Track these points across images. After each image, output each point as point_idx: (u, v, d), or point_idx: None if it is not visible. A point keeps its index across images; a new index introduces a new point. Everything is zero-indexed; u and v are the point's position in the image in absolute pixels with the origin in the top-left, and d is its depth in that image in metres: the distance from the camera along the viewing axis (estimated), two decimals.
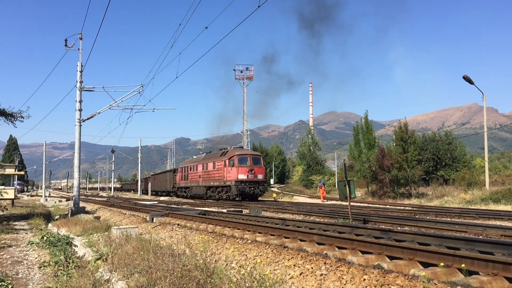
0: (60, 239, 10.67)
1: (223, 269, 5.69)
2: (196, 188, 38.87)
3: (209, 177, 35.74)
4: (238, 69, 64.48)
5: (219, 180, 33.58)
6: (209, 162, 36.12)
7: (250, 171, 31.41)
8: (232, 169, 31.43)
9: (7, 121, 19.84)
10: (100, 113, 24.51)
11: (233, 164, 31.40)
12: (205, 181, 36.46)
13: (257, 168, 32.20)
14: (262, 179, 32.44)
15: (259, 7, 11.38)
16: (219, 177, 33.52)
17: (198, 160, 40.03)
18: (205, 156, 39.83)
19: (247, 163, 31.85)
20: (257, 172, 31.97)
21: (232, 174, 31.32)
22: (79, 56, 22.66)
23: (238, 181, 30.81)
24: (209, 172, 35.81)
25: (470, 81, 28.58)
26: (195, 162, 40.41)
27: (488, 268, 5.15)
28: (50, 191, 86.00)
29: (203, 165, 37.52)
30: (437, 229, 10.64)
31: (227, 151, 34.00)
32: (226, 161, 32.37)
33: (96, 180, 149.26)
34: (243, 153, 32.64)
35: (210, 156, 37.73)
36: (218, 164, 34.07)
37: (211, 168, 35.65)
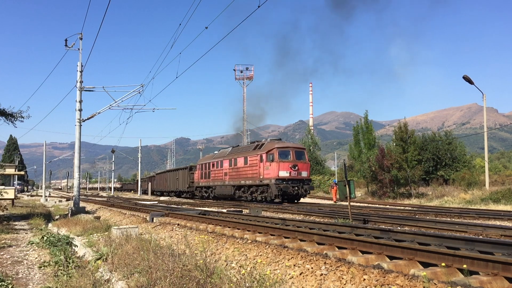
0: (60, 239, 10.67)
1: (223, 269, 5.69)
2: (221, 188, 33.67)
3: (238, 174, 30.76)
4: (238, 69, 64.51)
5: (252, 178, 28.56)
6: (238, 157, 30.94)
7: (293, 167, 26.46)
8: (272, 165, 26.41)
9: (7, 121, 19.84)
10: (100, 113, 24.52)
11: (272, 158, 26.37)
12: (233, 179, 31.39)
13: (301, 163, 27.08)
14: (307, 177, 27.42)
15: (259, 7, 11.38)
16: (253, 174, 28.45)
17: (223, 156, 34.50)
18: (231, 150, 34.23)
19: (289, 157, 26.83)
20: (301, 169, 26.96)
21: (271, 171, 26.39)
22: (79, 56, 22.69)
23: (279, 179, 25.89)
24: (238, 169, 30.75)
25: (470, 81, 28.58)
26: (220, 157, 34.90)
27: (488, 268, 5.16)
28: (50, 191, 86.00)
29: (230, 161, 32.30)
30: (437, 229, 10.64)
31: (263, 143, 28.99)
32: (263, 155, 27.24)
33: (96, 180, 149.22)
34: (284, 146, 27.57)
35: (239, 150, 32.30)
36: (251, 159, 28.88)
37: (241, 164, 30.43)
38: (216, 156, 36.52)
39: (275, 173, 26.07)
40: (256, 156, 28.16)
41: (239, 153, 31.31)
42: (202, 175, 38.20)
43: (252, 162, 28.73)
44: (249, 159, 29.17)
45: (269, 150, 27.06)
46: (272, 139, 30.07)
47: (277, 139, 30.51)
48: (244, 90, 64.39)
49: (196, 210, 17.79)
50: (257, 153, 28.11)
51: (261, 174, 27.41)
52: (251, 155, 28.97)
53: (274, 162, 26.27)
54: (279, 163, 26.16)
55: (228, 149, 35.54)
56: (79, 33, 22.46)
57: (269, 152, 26.99)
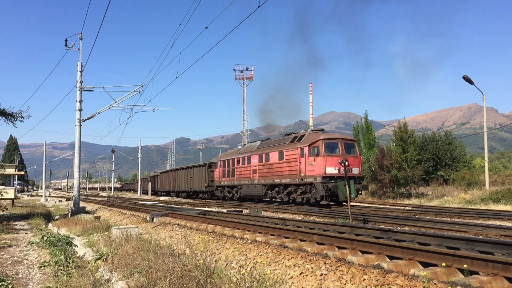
0: (60, 239, 10.67)
1: (223, 269, 5.70)
2: (248, 188, 29.32)
3: (271, 172, 26.45)
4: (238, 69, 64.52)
5: (290, 176, 24.44)
6: (271, 151, 26.71)
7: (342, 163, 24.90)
8: (316, 160, 22.23)
9: (7, 121, 19.86)
10: (100, 113, 24.53)
11: (317, 152, 22.31)
12: (265, 178, 27.12)
13: (352, 158, 22.88)
14: (359, 174, 23.20)
15: (259, 7, 11.38)
16: (291, 171, 24.39)
17: (250, 150, 30.01)
18: (261, 144, 29.56)
19: (338, 150, 22.83)
20: (352, 164, 22.75)
21: (315, 167, 22.27)
22: (79, 56, 22.71)
23: (326, 177, 21.81)
24: (271, 165, 26.45)
25: (470, 81, 28.59)
26: (246, 152, 30.43)
27: (488, 268, 5.16)
28: (50, 191, 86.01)
29: (260, 157, 27.93)
30: (437, 229, 10.65)
31: (303, 135, 24.78)
32: (304, 148, 23.25)
33: (96, 180, 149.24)
34: (331, 137, 23.54)
35: (271, 144, 27.75)
36: (288, 154, 24.75)
37: (275, 159, 26.18)
38: (242, 151, 31.83)
39: (321, 170, 21.96)
40: (295, 150, 24.01)
41: (272, 147, 26.94)
42: (224, 173, 33.43)
43: (289, 157, 24.58)
44: (286, 153, 24.94)
45: (312, 143, 22.95)
46: (314, 130, 25.76)
47: (319, 129, 26.08)
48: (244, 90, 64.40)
49: (196, 210, 17.80)
50: (297, 147, 23.93)
51: (302, 171, 23.22)
52: (289, 149, 24.75)
53: (319, 156, 22.17)
54: (326, 157, 22.04)
55: (255, 143, 31.11)
56: (79, 33, 22.48)
57: (313, 145, 22.86)
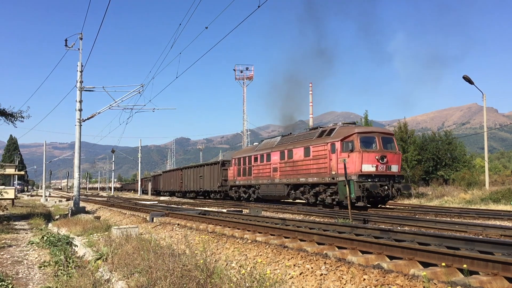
0: (60, 239, 10.68)
1: (223, 269, 5.70)
2: (267, 187, 26.76)
3: (295, 170, 23.94)
4: (238, 69, 64.52)
5: (318, 175, 21.89)
6: (295, 147, 24.21)
7: (380, 159, 19.95)
8: (351, 156, 19.77)
9: (7, 121, 19.87)
10: (100, 113, 24.55)
11: (351, 148, 19.91)
12: (288, 176, 24.62)
13: (391, 154, 20.50)
14: (398, 172, 20.88)
15: (259, 7, 11.39)
16: (319, 169, 21.84)
17: (270, 147, 27.43)
18: (281, 139, 26.97)
19: (375, 145, 20.42)
20: (391, 161, 20.38)
21: (350, 164, 19.47)
22: (79, 56, 22.71)
23: (363, 176, 19.53)
24: (295, 162, 23.98)
25: (470, 81, 28.60)
26: (265, 149, 27.84)
27: (488, 268, 5.16)
28: (50, 191, 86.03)
29: (281, 153, 25.51)
30: (437, 229, 10.65)
31: (332, 128, 22.24)
32: (336, 143, 20.81)
33: (96, 180, 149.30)
34: (367, 131, 21.16)
35: (295, 139, 25.25)
36: (316, 150, 22.33)
37: (299, 156, 23.70)
38: (260, 147, 29.09)
39: (357, 167, 19.63)
40: (324, 146, 21.55)
41: (296, 143, 24.48)
42: (239, 172, 30.79)
43: (317, 154, 22.13)
44: (313, 149, 22.49)
45: (345, 137, 20.54)
46: (345, 123, 22.91)
47: (351, 122, 23.49)
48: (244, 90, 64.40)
49: (196, 210, 17.80)
50: (326, 142, 21.49)
51: (333, 169, 20.74)
52: (316, 144, 22.33)
53: (354, 152, 19.77)
54: (362, 153, 19.64)
55: (275, 138, 28.48)
56: (79, 33, 22.49)
57: (346, 139, 20.40)
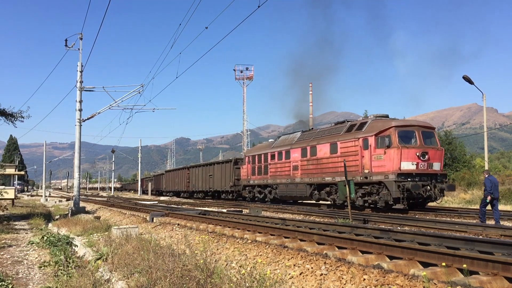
0: (60, 239, 10.68)
1: (223, 269, 5.70)
2: (286, 187, 24.67)
3: (319, 168, 21.78)
4: (238, 69, 64.52)
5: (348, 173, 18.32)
6: (319, 144, 22.16)
7: (421, 156, 17.86)
8: (388, 153, 17.82)
9: (7, 121, 19.89)
10: (100, 113, 24.55)
11: (388, 143, 17.87)
12: (311, 175, 22.53)
13: (432, 150, 18.41)
14: (440, 171, 18.81)
15: (259, 7, 11.39)
16: (348, 167, 18.36)
17: (289, 143, 25.30)
18: (302, 135, 24.81)
19: (415, 141, 18.33)
20: (433, 158, 18.30)
21: (386, 162, 17.84)
22: (79, 56, 22.71)
23: (402, 174, 17.50)
24: (320, 160, 21.87)
25: (470, 81, 28.60)
26: (283, 146, 25.71)
27: (488, 268, 5.17)
28: (50, 191, 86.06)
29: (303, 150, 23.42)
30: (437, 229, 10.65)
31: (364, 122, 20.26)
32: (369, 139, 18.73)
33: (96, 180, 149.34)
34: (406, 124, 18.94)
35: (318, 135, 23.10)
36: (344, 146, 20.23)
37: (324, 153, 21.60)
38: (278, 144, 26.98)
39: (395, 166, 17.54)
40: (355, 141, 19.53)
41: (320, 138, 22.38)
42: (254, 170, 28.63)
43: (346, 150, 20.07)
44: (341, 145, 20.45)
45: (380, 131, 18.47)
46: (378, 116, 20.54)
47: (383, 115, 20.71)
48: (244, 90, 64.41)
49: (196, 210, 17.81)
50: (357, 137, 19.45)
51: (366, 167, 18.78)
52: (345, 140, 20.26)
53: (392, 148, 17.77)
54: (401, 149, 17.61)
55: (294, 134, 26.21)
56: (79, 33, 22.49)
57: (381, 134, 18.37)
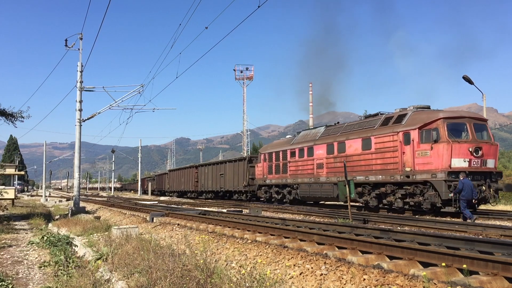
0: (60, 239, 10.68)
1: (223, 269, 5.70)
2: (310, 187, 22.50)
3: (349, 166, 18.51)
4: (238, 69, 64.53)
5: (385, 172, 17.89)
6: (348, 139, 20.10)
7: (475, 152, 15.86)
8: (435, 149, 15.87)
9: (7, 121, 19.91)
10: (100, 113, 24.55)
11: (436, 137, 15.89)
12: (338, 174, 20.33)
13: (486, 145, 16.40)
14: (495, 169, 16.75)
15: (259, 7, 11.39)
16: (385, 165, 17.82)
17: (312, 139, 23.20)
18: (326, 130, 22.75)
19: (466, 134, 16.31)
20: (487, 154, 16.28)
21: (434, 159, 15.88)
22: (79, 56, 22.71)
23: (453, 173, 15.47)
24: (350, 157, 19.66)
25: (469, 81, 28.60)
26: (305, 142, 23.65)
27: (488, 268, 5.17)
28: (50, 191, 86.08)
29: (329, 146, 21.39)
30: (437, 229, 10.65)
31: (403, 114, 17.95)
32: (411, 132, 16.78)
33: (96, 180, 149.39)
34: (456, 116, 16.86)
35: (346, 129, 20.95)
36: (380, 141, 18.26)
37: (355, 149, 19.59)
38: (298, 140, 24.87)
39: (444, 163, 15.59)
40: (393, 136, 17.55)
41: (349, 133, 20.29)
42: (271, 169, 26.61)
43: (382, 146, 18.10)
44: (376, 141, 18.42)
45: (425, 124, 16.48)
46: (419, 107, 18.18)
47: (425, 106, 18.36)
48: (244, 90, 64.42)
49: (196, 210, 17.81)
50: (396, 131, 17.46)
51: (408, 164, 16.82)
52: (380, 134, 18.24)
53: (440, 143, 15.75)
54: (451, 144, 15.60)
55: (317, 129, 24.21)
56: (79, 33, 22.50)
57: (427, 127, 16.39)
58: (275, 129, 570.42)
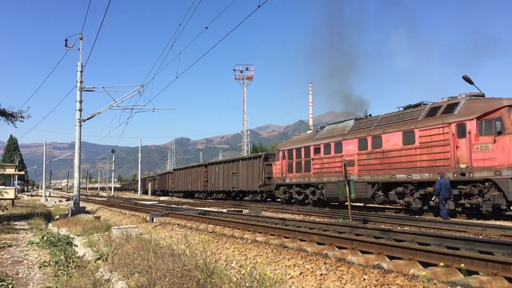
0: (60, 239, 10.69)
1: (223, 269, 5.70)
2: (337, 187, 19.97)
3: (386, 163, 17.99)
4: (238, 69, 64.57)
5: (432, 169, 15.99)
6: (385, 132, 18.30)
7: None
8: (499, 142, 14.08)
9: (8, 121, 19.93)
10: (100, 113, 24.57)
11: (500, 129, 14.16)
12: (373, 172, 18.74)
13: None
14: None
15: (259, 7, 11.39)
16: (434, 161, 15.98)
17: (340, 133, 21.42)
18: (357, 123, 20.87)
19: None
20: None
21: (497, 153, 14.08)
22: (79, 56, 22.73)
23: None
24: (387, 153, 18.03)
25: (470, 81, 28.59)
26: (332, 137, 21.77)
27: (488, 268, 5.16)
28: (50, 191, 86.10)
29: (361, 141, 19.56)
30: (437, 229, 10.66)
31: (454, 103, 16.10)
32: (467, 123, 15.07)
33: (96, 180, 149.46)
34: None
35: (382, 122, 19.04)
36: (425, 134, 16.43)
37: (394, 144, 17.78)
38: (323, 135, 22.86)
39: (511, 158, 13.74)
40: (444, 128, 15.71)
41: (386, 126, 18.42)
42: (291, 167, 24.74)
43: (429, 140, 16.26)
44: (420, 134, 16.59)
45: (485, 113, 14.64)
46: (472, 94, 16.50)
47: (479, 94, 16.74)
48: (244, 90, 64.44)
49: (196, 210, 17.81)
50: (447, 122, 15.64)
51: (463, 160, 15.04)
52: (426, 126, 16.41)
53: (506, 135, 13.92)
54: None
55: (345, 123, 22.05)
56: (79, 33, 22.51)
57: (488, 117, 14.56)
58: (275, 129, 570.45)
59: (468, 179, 14.86)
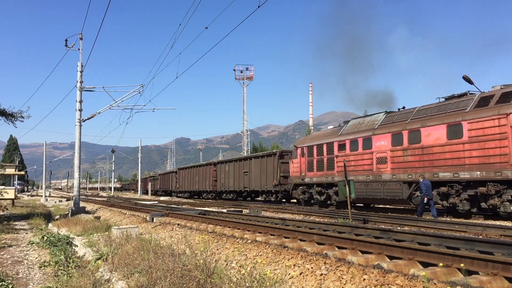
0: (61, 239, 10.69)
1: (223, 269, 5.70)
2: (367, 186, 18.98)
3: (426, 159, 16.31)
4: (238, 69, 64.60)
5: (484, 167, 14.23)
6: (424, 126, 16.51)
7: None
8: None
9: (8, 121, 19.93)
10: (100, 113, 24.57)
11: None
12: (409, 170, 17.05)
13: None
14: None
15: (259, 7, 11.39)
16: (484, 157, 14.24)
17: (369, 128, 19.68)
18: (389, 117, 19.10)
19: None
20: None
21: None
22: (79, 56, 22.75)
23: None
24: (427, 149, 16.30)
25: (469, 81, 28.58)
26: (360, 132, 20.02)
27: (488, 268, 5.16)
28: (50, 191, 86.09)
29: (394, 136, 17.84)
30: (437, 229, 10.66)
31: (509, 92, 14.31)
32: None
33: (96, 180, 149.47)
34: None
35: (420, 114, 17.22)
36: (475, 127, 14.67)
37: (436, 139, 15.95)
38: (348, 130, 21.11)
39: None
40: (499, 119, 13.87)
41: (425, 119, 16.67)
42: (311, 165, 22.88)
43: (480, 133, 14.44)
44: (469, 127, 14.77)
45: None
46: None
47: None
48: (244, 90, 64.45)
49: (196, 210, 17.82)
50: (504, 112, 13.75)
51: None
52: (477, 118, 14.57)
53: None
54: None
55: (375, 116, 20.18)
56: (79, 33, 22.52)
57: None
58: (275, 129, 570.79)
59: None
